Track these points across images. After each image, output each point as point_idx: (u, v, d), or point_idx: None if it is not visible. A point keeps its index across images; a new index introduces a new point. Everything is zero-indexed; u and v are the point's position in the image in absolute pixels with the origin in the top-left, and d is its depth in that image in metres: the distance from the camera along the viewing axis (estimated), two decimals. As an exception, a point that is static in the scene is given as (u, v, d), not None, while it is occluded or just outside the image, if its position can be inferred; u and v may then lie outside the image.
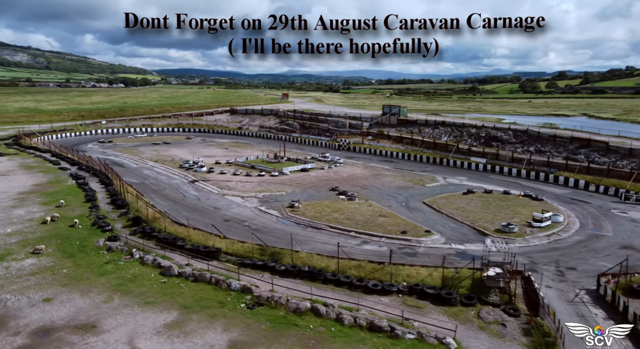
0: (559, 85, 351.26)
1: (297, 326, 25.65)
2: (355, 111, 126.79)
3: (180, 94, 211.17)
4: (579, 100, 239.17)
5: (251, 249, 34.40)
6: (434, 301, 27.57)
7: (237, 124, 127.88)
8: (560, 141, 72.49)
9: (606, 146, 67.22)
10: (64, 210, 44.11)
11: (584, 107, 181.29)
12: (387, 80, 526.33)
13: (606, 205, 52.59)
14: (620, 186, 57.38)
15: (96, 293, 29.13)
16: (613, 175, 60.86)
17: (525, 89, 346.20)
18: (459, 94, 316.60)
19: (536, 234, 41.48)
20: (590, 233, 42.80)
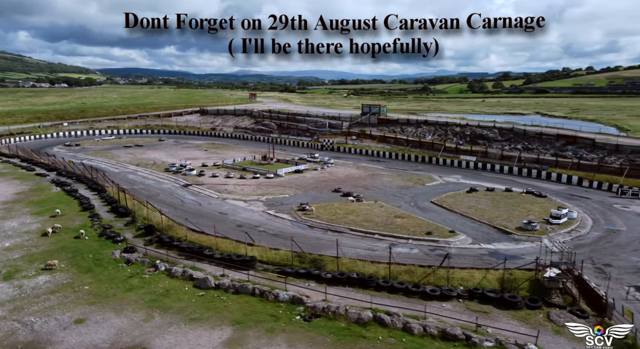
0: (504, 86, 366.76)
1: (365, 338, 24.03)
2: (333, 111, 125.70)
3: (141, 94, 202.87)
4: (528, 99, 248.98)
5: (288, 257, 32.38)
6: (498, 305, 26.66)
7: (210, 125, 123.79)
8: (547, 138, 74.23)
9: (592, 142, 69.35)
10: (61, 220, 40.26)
11: (534, 106, 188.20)
12: (340, 81, 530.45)
13: (606, 200, 53.92)
14: (613, 181, 59.13)
15: (131, 311, 26.37)
16: (603, 171, 62.71)
17: (474, 89, 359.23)
18: (412, 93, 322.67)
19: (557, 231, 41.67)
20: (606, 228, 43.47)
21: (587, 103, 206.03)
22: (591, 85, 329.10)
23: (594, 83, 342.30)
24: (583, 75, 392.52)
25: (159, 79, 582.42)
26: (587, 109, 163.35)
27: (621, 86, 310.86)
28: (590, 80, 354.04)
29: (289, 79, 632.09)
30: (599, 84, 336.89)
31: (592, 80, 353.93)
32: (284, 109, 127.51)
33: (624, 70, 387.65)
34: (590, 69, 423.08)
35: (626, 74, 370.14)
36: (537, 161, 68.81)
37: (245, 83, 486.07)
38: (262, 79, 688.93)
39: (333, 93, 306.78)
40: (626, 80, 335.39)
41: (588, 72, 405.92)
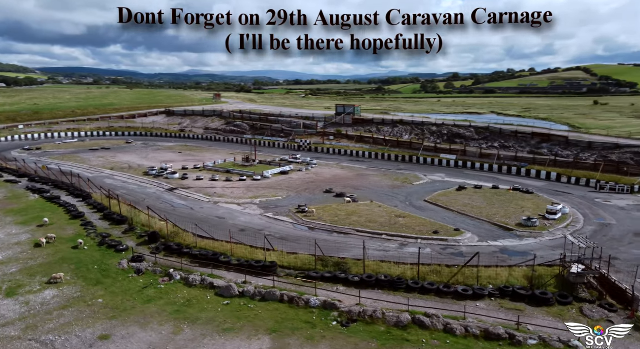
0: (455, 86, 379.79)
1: (409, 342, 23.59)
2: (305, 111, 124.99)
3: (98, 94, 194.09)
4: (481, 99, 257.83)
5: (309, 261, 31.51)
6: (530, 303, 26.88)
7: (178, 126, 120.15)
8: (522, 136, 76.65)
9: (566, 140, 72.20)
10: (52, 230, 37.52)
11: (488, 105, 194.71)
12: (295, 81, 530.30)
13: (587, 195, 56.16)
14: (589, 177, 61.75)
15: (157, 324, 24.79)
16: (579, 167, 65.40)
17: (427, 89, 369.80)
18: (368, 94, 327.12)
19: (555, 226, 42.88)
20: (598, 223, 45.16)
21: (536, 102, 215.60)
22: (534, 86, 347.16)
23: (537, 84, 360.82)
24: (527, 76, 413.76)
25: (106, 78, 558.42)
26: (538, 109, 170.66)
27: (561, 86, 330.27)
28: (534, 81, 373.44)
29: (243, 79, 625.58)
30: (541, 85, 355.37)
31: (535, 81, 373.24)
32: (255, 109, 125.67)
33: (563, 72, 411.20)
34: (533, 70, 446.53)
35: (565, 75, 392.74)
36: (515, 158, 70.88)
37: (198, 83, 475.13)
38: (215, 78, 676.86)
39: (290, 93, 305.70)
40: (565, 81, 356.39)
41: (531, 73, 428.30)
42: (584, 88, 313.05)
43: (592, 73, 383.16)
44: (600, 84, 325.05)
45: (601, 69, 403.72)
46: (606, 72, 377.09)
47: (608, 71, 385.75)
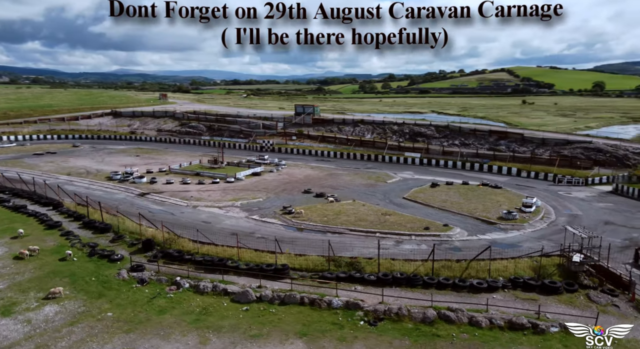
0: (392, 86, 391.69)
1: (440, 337, 24.00)
2: (262, 111, 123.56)
3: (29, 95, 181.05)
4: (421, 99, 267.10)
5: (320, 262, 31.19)
6: (541, 292, 28.14)
7: (128, 128, 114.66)
8: (481, 134, 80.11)
9: (522, 137, 76.28)
10: (29, 241, 34.66)
11: (427, 105, 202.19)
12: (233, 81, 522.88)
13: (549, 188, 59.66)
14: (547, 171, 65.64)
15: (180, 335, 23.65)
16: (536, 162, 69.32)
17: (365, 89, 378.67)
18: (309, 94, 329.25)
19: (533, 218, 45.19)
20: (568, 213, 48.09)
21: (471, 102, 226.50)
22: (465, 86, 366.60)
23: (467, 84, 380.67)
24: (457, 77, 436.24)
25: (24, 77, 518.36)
26: (473, 108, 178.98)
27: (489, 87, 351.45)
28: (464, 82, 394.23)
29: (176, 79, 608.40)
30: (471, 85, 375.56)
31: (465, 82, 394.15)
32: (210, 110, 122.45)
33: (489, 73, 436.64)
34: (462, 71, 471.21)
35: (491, 76, 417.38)
36: (477, 155, 73.95)
37: (129, 83, 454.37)
38: (147, 78, 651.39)
39: (231, 93, 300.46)
40: (492, 82, 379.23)
41: (461, 74, 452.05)
42: (508, 88, 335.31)
43: (515, 74, 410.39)
44: (522, 84, 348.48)
45: (522, 70, 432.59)
46: (527, 74, 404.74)
47: (528, 73, 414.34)
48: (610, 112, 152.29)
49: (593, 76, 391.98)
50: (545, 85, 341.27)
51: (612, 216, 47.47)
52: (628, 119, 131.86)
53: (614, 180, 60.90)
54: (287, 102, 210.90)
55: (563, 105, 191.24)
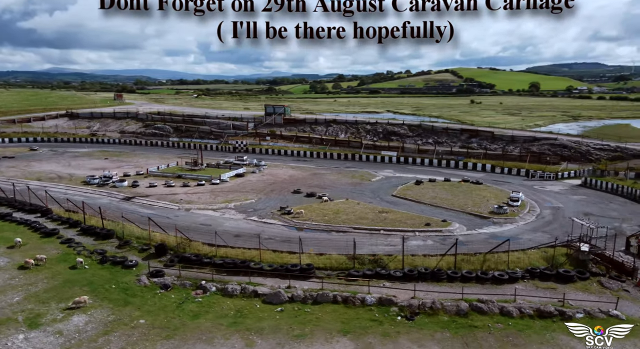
0: (342, 87, 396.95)
1: (477, 328, 24.83)
2: (230, 112, 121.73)
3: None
4: (375, 99, 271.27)
5: (343, 261, 31.41)
6: (557, 281, 29.64)
7: (87, 131, 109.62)
8: (453, 132, 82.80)
9: (492, 135, 79.53)
10: (29, 250, 32.69)
11: (381, 104, 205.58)
12: (179, 81, 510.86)
13: (524, 183, 62.64)
14: (519, 167, 68.88)
15: (223, 338, 23.25)
16: (507, 158, 72.54)
17: (316, 89, 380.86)
18: (261, 94, 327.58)
19: (522, 211, 47.39)
20: (550, 206, 50.74)
21: (422, 102, 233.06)
22: (412, 86, 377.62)
23: (415, 84, 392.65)
24: (404, 77, 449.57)
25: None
26: (426, 107, 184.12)
27: (435, 87, 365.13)
28: (411, 82, 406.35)
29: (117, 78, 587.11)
30: (418, 85, 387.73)
31: (412, 82, 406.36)
32: (175, 111, 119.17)
33: (435, 74, 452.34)
34: (409, 72, 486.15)
35: (437, 77, 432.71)
36: (451, 153, 76.42)
37: (66, 82, 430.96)
38: (84, 77, 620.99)
39: (180, 94, 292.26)
40: (438, 82, 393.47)
41: (408, 75, 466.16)
42: (453, 89, 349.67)
43: (459, 75, 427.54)
44: (466, 85, 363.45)
45: (465, 72, 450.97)
46: (469, 75, 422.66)
47: (470, 74, 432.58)
48: (551, 111, 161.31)
49: (528, 77, 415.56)
50: (487, 86, 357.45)
51: (589, 207, 50.54)
52: (569, 118, 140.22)
53: (582, 174, 64.75)
54: (241, 102, 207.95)
55: (508, 104, 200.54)
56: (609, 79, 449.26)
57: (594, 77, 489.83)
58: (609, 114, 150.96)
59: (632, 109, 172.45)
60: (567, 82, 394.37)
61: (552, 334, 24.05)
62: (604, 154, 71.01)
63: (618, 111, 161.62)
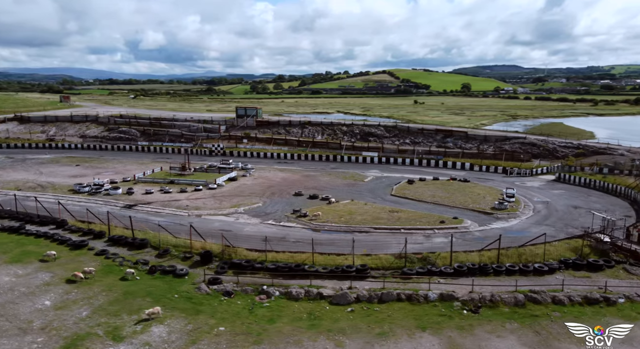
0: (284, 87, 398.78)
1: (538, 317, 26.66)
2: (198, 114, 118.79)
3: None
4: (322, 99, 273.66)
5: (392, 260, 32.39)
6: (589, 269, 32.20)
7: (43, 135, 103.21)
8: (428, 132, 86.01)
9: (466, 134, 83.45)
10: (64, 264, 31.09)
11: (328, 105, 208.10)
12: (109, 80, 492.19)
13: (505, 179, 66.46)
14: (496, 165, 72.90)
15: (310, 340, 23.73)
16: (482, 157, 76.53)
17: (257, 90, 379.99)
18: (199, 94, 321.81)
19: (519, 207, 50.48)
20: (539, 201, 54.35)
21: (368, 102, 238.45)
22: (352, 87, 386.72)
23: (354, 85, 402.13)
24: (344, 78, 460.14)
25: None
26: (373, 107, 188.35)
27: (374, 88, 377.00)
28: (350, 83, 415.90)
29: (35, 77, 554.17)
30: (357, 86, 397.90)
31: (352, 83, 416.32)
32: (140, 114, 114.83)
33: (373, 75, 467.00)
34: (347, 73, 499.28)
35: (375, 77, 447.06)
36: (429, 152, 79.47)
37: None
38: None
39: (114, 94, 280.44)
40: (376, 83, 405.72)
41: (347, 75, 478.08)
42: (392, 89, 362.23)
43: (396, 76, 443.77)
44: (403, 85, 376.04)
45: (401, 73, 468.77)
46: (405, 76, 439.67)
47: (406, 75, 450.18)
48: (490, 110, 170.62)
49: (459, 78, 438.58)
50: (423, 86, 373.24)
51: (573, 200, 54.64)
52: (508, 117, 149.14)
53: (554, 170, 69.70)
54: (186, 103, 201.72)
55: (449, 104, 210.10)
56: (527, 80, 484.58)
57: (514, 78, 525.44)
58: (542, 114, 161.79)
59: (559, 108, 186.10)
60: (494, 83, 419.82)
61: (606, 320, 26.26)
62: (568, 151, 76.71)
63: (548, 111, 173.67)
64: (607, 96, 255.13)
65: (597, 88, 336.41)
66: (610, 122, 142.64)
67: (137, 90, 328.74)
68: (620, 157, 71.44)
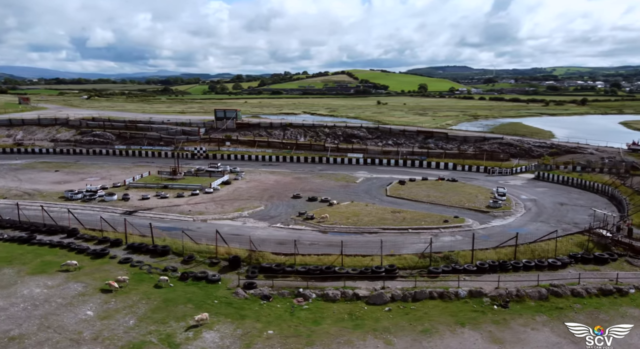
0: (243, 87, 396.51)
1: (563, 309, 28.41)
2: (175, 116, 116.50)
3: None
4: (286, 100, 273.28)
5: (416, 259, 33.51)
6: (596, 263, 34.45)
7: (9, 140, 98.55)
8: (410, 133, 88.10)
9: (446, 135, 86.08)
10: (88, 273, 30.45)
11: (294, 106, 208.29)
12: (55, 80, 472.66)
13: (488, 179, 69.25)
14: (478, 164, 75.74)
15: (361, 341, 24.56)
16: (465, 157, 79.31)
17: (216, 90, 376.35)
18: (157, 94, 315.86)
19: (512, 205, 52.90)
20: (527, 199, 57.05)
21: (333, 103, 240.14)
22: (312, 87, 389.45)
23: (314, 85, 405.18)
24: (304, 78, 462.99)
25: None
26: (338, 108, 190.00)
27: (334, 88, 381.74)
28: (310, 83, 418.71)
29: None
30: (317, 86, 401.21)
31: (312, 83, 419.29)
32: (114, 116, 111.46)
33: (332, 75, 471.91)
34: (306, 73, 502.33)
35: (334, 78, 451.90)
36: (412, 153, 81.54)
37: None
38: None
39: (65, 94, 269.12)
40: (336, 83, 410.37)
41: (306, 76, 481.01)
42: (351, 89, 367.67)
43: (354, 77, 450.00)
44: (363, 86, 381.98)
45: (359, 73, 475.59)
46: (364, 76, 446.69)
47: (365, 75, 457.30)
48: (450, 111, 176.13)
49: (416, 79, 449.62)
50: (382, 87, 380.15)
51: (557, 197, 57.68)
52: (470, 117, 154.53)
53: (531, 169, 73.18)
54: (145, 104, 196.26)
55: (410, 105, 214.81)
56: (479, 81, 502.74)
57: (465, 79, 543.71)
58: (500, 114, 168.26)
59: (514, 108, 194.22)
60: (448, 83, 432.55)
61: (624, 309, 28.34)
62: (543, 150, 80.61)
63: (505, 111, 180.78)
64: (553, 97, 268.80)
65: (544, 89, 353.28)
66: (564, 122, 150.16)
67: (89, 90, 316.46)
68: (590, 156, 75.81)
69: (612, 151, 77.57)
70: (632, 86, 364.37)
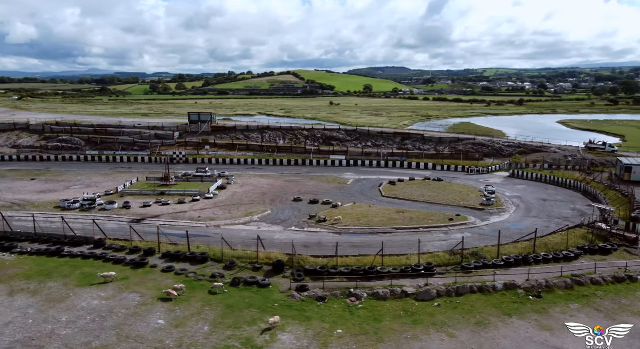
0: (187, 87, 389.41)
1: (588, 297, 31.37)
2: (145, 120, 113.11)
3: None
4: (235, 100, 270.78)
5: (449, 257, 35.59)
6: (602, 253, 37.95)
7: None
8: (387, 135, 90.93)
9: (422, 137, 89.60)
10: (139, 283, 30.20)
11: (246, 107, 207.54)
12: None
13: (469, 177, 73.14)
14: (456, 164, 79.62)
15: (425, 335, 26.20)
16: (442, 157, 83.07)
17: (158, 90, 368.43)
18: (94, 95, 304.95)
19: (503, 202, 56.47)
20: (512, 196, 60.98)
21: (286, 104, 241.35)
22: (259, 88, 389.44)
23: (260, 86, 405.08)
24: (249, 78, 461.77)
25: None
26: (292, 109, 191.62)
27: (281, 89, 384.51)
28: (256, 84, 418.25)
29: None
30: (264, 87, 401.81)
31: (258, 84, 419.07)
32: (81, 120, 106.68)
33: (278, 75, 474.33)
34: (251, 73, 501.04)
35: (280, 78, 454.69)
36: (392, 154, 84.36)
37: None
38: None
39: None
40: (282, 84, 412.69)
41: (252, 76, 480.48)
42: (298, 90, 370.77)
43: (300, 77, 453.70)
44: (309, 86, 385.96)
45: (305, 74, 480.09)
46: (310, 77, 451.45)
47: (311, 76, 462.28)
48: (402, 111, 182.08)
49: (361, 80, 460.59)
50: (328, 87, 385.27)
51: (538, 194, 62.03)
52: (423, 117, 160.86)
53: (504, 167, 77.92)
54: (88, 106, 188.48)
55: (362, 106, 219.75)
56: (417, 82, 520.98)
57: (404, 80, 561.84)
58: (449, 114, 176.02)
59: (460, 109, 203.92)
60: (391, 84, 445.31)
61: (637, 293, 31.76)
62: (512, 149, 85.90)
63: (453, 111, 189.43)
64: (489, 97, 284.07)
65: (479, 89, 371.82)
66: (508, 121, 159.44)
67: (16, 90, 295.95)
68: (554, 155, 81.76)
69: (572, 150, 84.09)
70: (556, 87, 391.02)
